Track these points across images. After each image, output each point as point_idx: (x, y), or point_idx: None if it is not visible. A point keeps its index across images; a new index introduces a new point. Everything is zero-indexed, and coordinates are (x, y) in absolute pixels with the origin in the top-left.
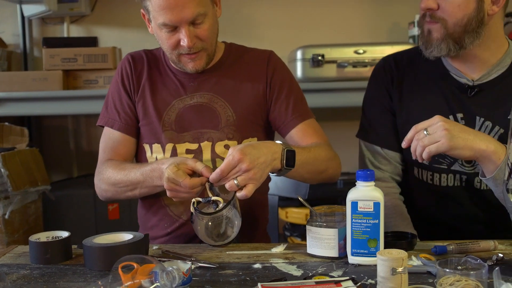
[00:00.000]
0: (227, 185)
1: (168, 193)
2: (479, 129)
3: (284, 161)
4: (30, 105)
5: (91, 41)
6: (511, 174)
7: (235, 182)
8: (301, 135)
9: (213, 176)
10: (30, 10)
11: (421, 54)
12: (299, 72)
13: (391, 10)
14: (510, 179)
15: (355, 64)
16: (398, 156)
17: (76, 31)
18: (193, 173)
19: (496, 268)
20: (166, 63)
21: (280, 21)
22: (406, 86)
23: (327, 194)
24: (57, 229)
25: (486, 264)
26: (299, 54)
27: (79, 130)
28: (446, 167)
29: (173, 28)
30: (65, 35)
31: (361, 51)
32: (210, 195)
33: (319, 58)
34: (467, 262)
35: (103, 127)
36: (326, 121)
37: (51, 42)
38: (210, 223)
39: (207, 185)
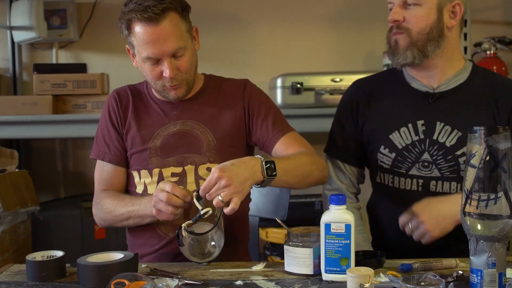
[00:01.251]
0: (214, 202)
1: (154, 212)
2: (439, 133)
3: (265, 172)
4: (21, 128)
5: (80, 68)
6: (467, 200)
7: (220, 198)
8: (284, 147)
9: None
10: (20, 36)
11: (385, 75)
12: (279, 99)
13: (366, 39)
14: (466, 204)
15: (332, 91)
16: (355, 169)
17: (64, 56)
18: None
19: (451, 284)
20: (150, 95)
21: (261, 49)
22: (372, 102)
23: (306, 215)
24: (46, 248)
25: (443, 280)
26: (279, 82)
27: (66, 152)
28: (404, 171)
29: (156, 61)
30: (54, 60)
31: (337, 79)
32: (198, 206)
33: (298, 86)
34: (427, 279)
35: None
36: None
37: (41, 68)
38: (196, 242)
39: (194, 195)
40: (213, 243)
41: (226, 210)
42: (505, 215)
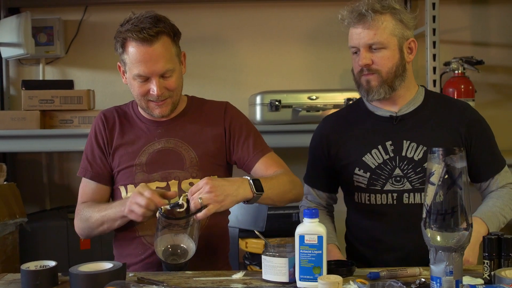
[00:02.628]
0: (192, 202)
1: (126, 210)
2: (406, 150)
3: (254, 188)
4: (9, 142)
5: (68, 84)
6: (428, 214)
7: (199, 199)
8: (264, 167)
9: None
10: (8, 52)
11: (351, 109)
12: (258, 116)
13: (342, 58)
14: (426, 218)
15: (309, 109)
16: (324, 194)
17: (51, 72)
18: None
19: None
20: (136, 114)
21: (241, 67)
22: (342, 133)
23: (284, 226)
24: (33, 258)
25: (404, 286)
26: (258, 99)
27: (52, 165)
28: (380, 188)
29: (145, 79)
30: (41, 75)
31: (314, 97)
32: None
33: (276, 103)
34: (390, 286)
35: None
36: (282, 158)
37: (30, 84)
38: (169, 235)
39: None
40: (183, 245)
41: (199, 214)
42: (461, 227)
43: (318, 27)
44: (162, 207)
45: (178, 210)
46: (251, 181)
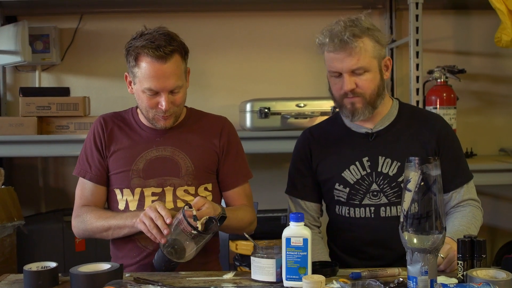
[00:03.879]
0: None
1: (138, 221)
2: (382, 165)
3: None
4: (7, 147)
5: (64, 91)
6: (405, 218)
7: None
8: (236, 197)
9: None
10: (5, 59)
11: (328, 124)
12: (248, 122)
13: None
14: (403, 222)
15: (297, 116)
16: (314, 205)
17: (46, 78)
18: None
19: None
20: (136, 121)
21: (231, 74)
22: (322, 147)
23: (273, 229)
24: (30, 260)
25: (382, 285)
26: (248, 107)
27: (47, 169)
28: (358, 202)
29: (155, 93)
30: (37, 82)
31: (302, 104)
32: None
33: (266, 110)
34: (370, 285)
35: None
36: (271, 163)
37: (27, 91)
38: (187, 235)
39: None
40: (186, 249)
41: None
42: (435, 231)
43: (306, 36)
44: (193, 211)
45: (197, 224)
46: (221, 214)
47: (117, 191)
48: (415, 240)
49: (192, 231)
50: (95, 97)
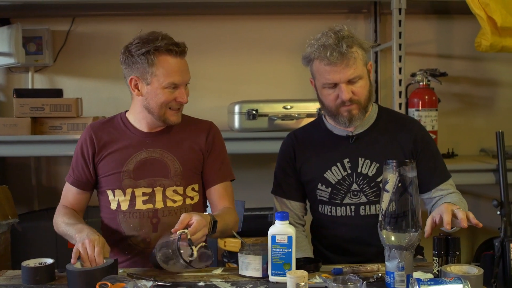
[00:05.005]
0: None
1: (76, 249)
2: (362, 166)
3: (211, 229)
4: (1, 147)
5: (57, 93)
6: (383, 217)
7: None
8: (217, 194)
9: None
10: None
11: (312, 127)
12: (236, 124)
13: None
14: (382, 220)
15: (283, 117)
16: (298, 204)
17: (39, 79)
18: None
19: (364, 283)
20: (126, 125)
21: (220, 76)
22: (305, 149)
23: (260, 226)
24: (24, 256)
25: (360, 280)
26: (236, 108)
27: (40, 168)
28: (339, 201)
29: (175, 87)
30: (30, 83)
31: (288, 106)
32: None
33: (253, 112)
34: (349, 279)
35: None
36: (258, 163)
37: (21, 93)
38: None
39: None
40: (182, 267)
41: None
42: (412, 229)
43: (293, 40)
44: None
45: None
46: (212, 221)
47: (109, 192)
48: (392, 238)
49: (184, 263)
50: (87, 98)
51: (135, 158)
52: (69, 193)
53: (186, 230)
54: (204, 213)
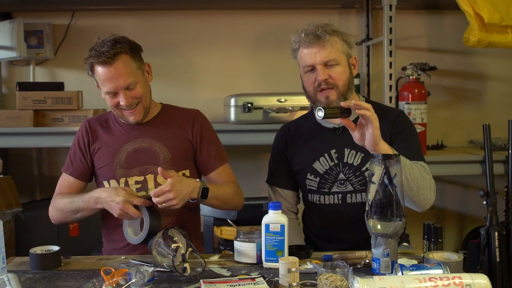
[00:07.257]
0: (159, 205)
1: (106, 206)
2: (348, 156)
3: (200, 194)
4: (5, 139)
5: (59, 86)
6: (370, 207)
7: (164, 205)
8: (219, 176)
9: (151, 193)
10: (1, 54)
11: (302, 120)
12: (232, 116)
13: None
14: (368, 210)
15: (278, 110)
16: (291, 193)
17: (40, 72)
18: None
19: (350, 268)
20: (116, 120)
21: (216, 69)
22: (296, 141)
23: (255, 215)
24: (28, 245)
25: (348, 265)
26: (232, 101)
27: (41, 158)
28: (327, 190)
29: (114, 94)
30: (31, 76)
31: (282, 99)
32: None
33: (249, 105)
34: (338, 265)
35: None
36: (254, 154)
37: (24, 86)
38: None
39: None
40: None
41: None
42: (396, 218)
43: (287, 34)
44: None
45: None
46: (201, 187)
47: (105, 183)
48: (378, 226)
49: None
50: (86, 90)
51: (126, 149)
52: (66, 182)
53: (151, 193)
54: (197, 179)
